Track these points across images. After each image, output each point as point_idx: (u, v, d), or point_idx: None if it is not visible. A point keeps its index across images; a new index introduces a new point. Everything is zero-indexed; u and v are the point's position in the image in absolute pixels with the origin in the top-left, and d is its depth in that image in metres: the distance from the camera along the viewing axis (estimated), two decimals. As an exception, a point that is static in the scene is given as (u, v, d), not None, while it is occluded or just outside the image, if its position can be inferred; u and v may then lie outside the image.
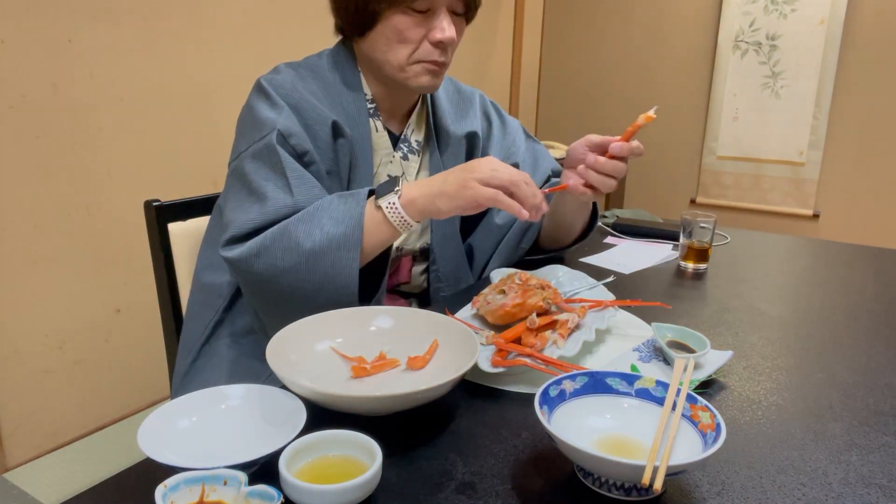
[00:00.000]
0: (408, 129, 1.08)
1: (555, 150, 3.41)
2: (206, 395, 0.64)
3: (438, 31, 0.93)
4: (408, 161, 1.08)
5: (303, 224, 0.83)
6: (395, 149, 1.06)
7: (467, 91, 1.20)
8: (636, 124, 0.89)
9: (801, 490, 0.57)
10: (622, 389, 0.64)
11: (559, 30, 3.67)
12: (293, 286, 0.84)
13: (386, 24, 0.93)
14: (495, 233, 1.16)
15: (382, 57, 0.96)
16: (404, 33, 0.93)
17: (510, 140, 1.22)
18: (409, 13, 0.92)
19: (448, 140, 1.12)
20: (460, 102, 1.17)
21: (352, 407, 0.63)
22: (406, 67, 0.96)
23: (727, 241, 1.44)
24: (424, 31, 0.94)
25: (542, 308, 0.85)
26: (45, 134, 1.69)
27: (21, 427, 1.78)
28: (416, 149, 1.09)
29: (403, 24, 0.92)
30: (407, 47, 0.94)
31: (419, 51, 0.95)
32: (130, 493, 0.56)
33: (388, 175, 1.06)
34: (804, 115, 3.10)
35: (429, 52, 0.95)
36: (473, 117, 1.17)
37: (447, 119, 1.12)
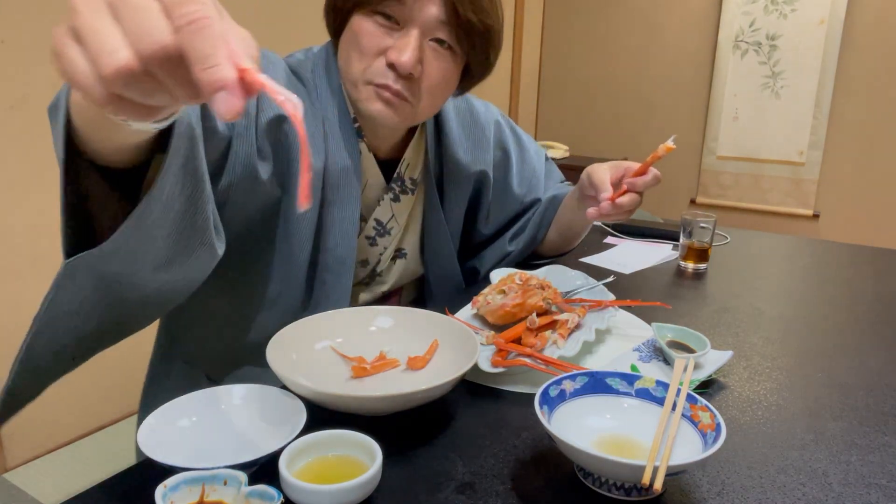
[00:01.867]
0: (402, 166, 0.94)
1: (555, 150, 3.41)
2: (206, 395, 0.64)
3: (394, 51, 0.77)
4: (399, 202, 0.95)
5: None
6: (387, 190, 0.93)
7: (481, 113, 1.06)
8: (656, 155, 0.89)
9: (801, 490, 0.57)
10: (622, 389, 0.64)
11: (559, 30, 3.67)
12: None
13: (350, 27, 0.80)
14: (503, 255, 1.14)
15: (343, 68, 0.83)
16: (361, 40, 0.78)
17: (530, 169, 1.15)
18: (375, 19, 0.78)
19: (456, 170, 1.00)
20: (473, 128, 1.04)
21: (352, 407, 0.63)
22: (359, 85, 0.81)
23: (727, 241, 1.44)
24: (383, 46, 0.78)
25: (542, 308, 0.85)
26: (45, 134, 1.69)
27: (21, 427, 1.78)
28: (409, 188, 0.95)
29: (364, 29, 0.78)
30: (361, 59, 0.79)
31: (372, 68, 0.79)
32: (130, 493, 0.56)
33: (376, 220, 0.94)
34: (804, 115, 3.10)
35: (380, 72, 0.78)
36: (486, 151, 1.05)
37: (458, 148, 0.99)
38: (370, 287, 0.99)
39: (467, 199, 1.06)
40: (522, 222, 1.15)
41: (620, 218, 0.95)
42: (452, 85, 0.86)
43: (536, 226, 1.14)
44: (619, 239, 1.43)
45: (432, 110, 0.87)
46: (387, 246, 0.97)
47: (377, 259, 0.97)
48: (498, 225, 1.14)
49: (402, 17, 0.78)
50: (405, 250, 1.00)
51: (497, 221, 1.14)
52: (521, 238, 1.14)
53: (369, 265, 0.97)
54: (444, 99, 0.87)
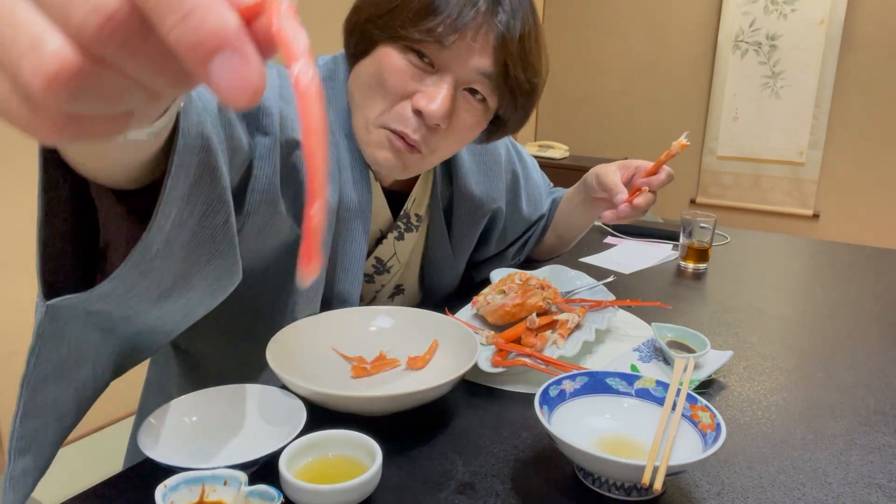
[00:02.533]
0: (409, 203, 0.87)
1: (554, 150, 3.41)
2: (206, 395, 0.64)
3: (424, 98, 0.68)
4: (403, 241, 0.89)
5: None
6: (391, 228, 0.87)
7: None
8: (670, 153, 0.87)
9: (801, 490, 0.57)
10: (622, 389, 0.64)
11: (559, 30, 3.67)
12: None
13: (375, 58, 0.70)
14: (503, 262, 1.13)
15: (356, 100, 0.74)
16: (387, 79, 0.69)
17: (535, 188, 1.12)
18: (408, 56, 0.68)
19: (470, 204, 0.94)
20: (484, 156, 0.97)
21: (352, 407, 0.63)
22: (371, 127, 0.72)
23: (727, 241, 1.44)
24: (411, 89, 0.69)
25: (542, 308, 0.85)
26: (45, 134, 1.69)
27: (21, 427, 1.78)
28: (415, 225, 0.90)
29: (393, 66, 0.68)
30: (383, 99, 0.70)
31: (394, 111, 0.70)
32: (130, 493, 0.56)
33: (377, 258, 0.87)
34: (804, 115, 3.10)
35: (401, 117, 0.70)
36: (500, 181, 0.99)
37: (470, 181, 0.93)
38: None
39: (479, 232, 1.01)
40: (527, 236, 1.15)
41: (635, 217, 0.93)
42: (473, 136, 0.78)
43: (539, 235, 1.15)
44: (619, 239, 1.43)
45: (441, 160, 0.80)
46: (384, 284, 0.92)
47: (373, 296, 0.93)
48: (504, 245, 1.12)
49: (439, 62, 0.69)
50: (403, 287, 0.97)
51: (503, 243, 1.11)
52: (523, 251, 1.15)
53: (363, 302, 0.93)
54: (462, 147, 0.80)
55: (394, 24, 0.67)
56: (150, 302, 0.49)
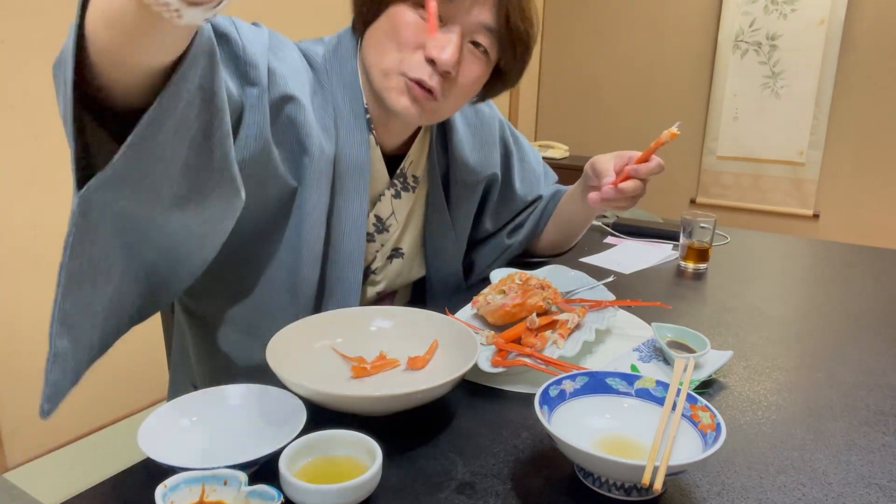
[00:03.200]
0: (406, 162, 0.93)
1: (555, 150, 3.41)
2: (206, 395, 0.64)
3: (436, 47, 0.75)
4: (400, 199, 0.93)
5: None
6: (388, 186, 0.92)
7: (486, 114, 1.06)
8: (659, 141, 0.87)
9: (801, 490, 0.57)
10: (622, 389, 0.64)
11: (559, 30, 3.67)
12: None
13: (388, 16, 0.78)
14: (501, 250, 1.14)
15: (373, 58, 0.80)
16: (401, 31, 0.76)
17: (530, 169, 1.15)
18: (418, 10, 0.76)
19: (465, 171, 0.99)
20: (479, 127, 1.03)
21: (352, 407, 0.63)
22: (391, 75, 0.79)
23: (727, 241, 1.44)
24: (422, 39, 0.77)
25: (542, 308, 0.85)
26: (45, 134, 1.69)
27: (21, 427, 1.78)
28: (411, 185, 0.94)
29: (404, 19, 0.76)
30: (398, 50, 0.77)
31: (409, 60, 0.77)
32: (130, 493, 0.56)
33: (376, 216, 0.91)
34: (804, 115, 3.10)
35: (418, 65, 0.77)
36: (494, 150, 1.05)
37: (464, 148, 0.98)
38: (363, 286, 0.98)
39: (477, 201, 1.05)
40: (522, 218, 1.16)
41: (623, 206, 0.93)
42: (479, 88, 0.85)
43: (536, 220, 1.15)
44: (619, 239, 1.43)
45: (453, 111, 0.86)
46: (384, 243, 0.96)
47: (373, 256, 0.95)
48: (500, 223, 1.15)
49: (447, 15, 0.76)
50: (402, 250, 0.99)
51: (500, 220, 1.14)
52: (520, 232, 1.15)
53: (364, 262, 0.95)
54: (467, 100, 0.86)
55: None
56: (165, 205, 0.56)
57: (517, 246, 1.15)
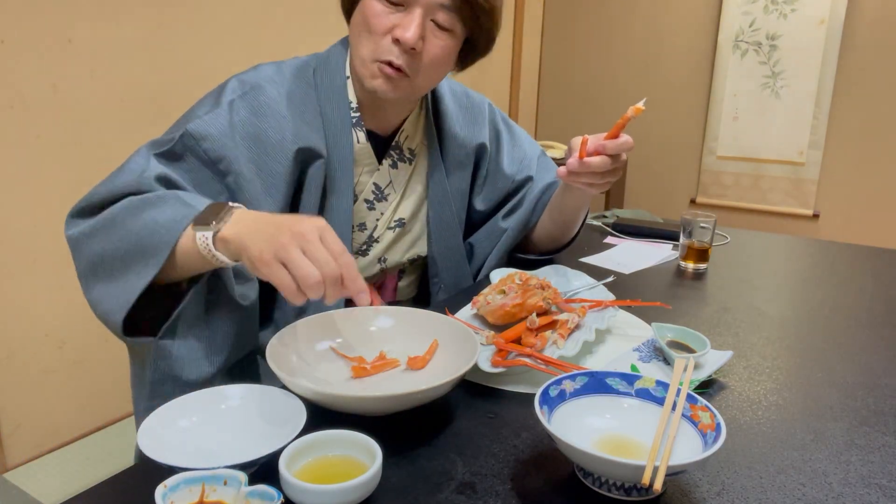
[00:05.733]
0: (400, 136, 1.01)
1: (554, 150, 3.41)
2: (206, 395, 0.64)
3: (400, 29, 0.84)
4: (397, 169, 1.01)
5: (130, 215, 0.75)
6: (385, 156, 1.00)
7: (476, 98, 1.14)
8: (625, 117, 0.86)
9: (801, 490, 0.57)
10: (622, 389, 0.64)
11: (559, 30, 3.67)
12: (96, 259, 0.80)
13: (360, 10, 0.87)
14: (498, 235, 1.15)
15: (354, 50, 0.90)
16: (370, 22, 0.85)
17: (521, 152, 1.19)
18: (382, 2, 0.85)
19: (455, 145, 1.07)
20: (469, 107, 1.11)
21: (352, 407, 0.63)
22: (368, 63, 0.88)
23: (727, 241, 1.44)
24: (390, 25, 0.85)
25: (542, 308, 0.85)
26: (45, 134, 1.69)
27: (21, 427, 1.78)
28: (408, 157, 1.02)
29: (372, 10, 0.85)
30: (370, 39, 0.86)
31: (380, 46, 0.86)
32: (130, 493, 0.56)
33: (375, 184, 1.00)
34: (804, 115, 3.10)
35: (386, 49, 0.86)
36: (482, 126, 1.12)
37: (454, 124, 1.07)
38: (368, 255, 1.01)
39: (469, 176, 1.11)
40: (516, 200, 1.17)
41: (591, 182, 0.92)
42: (451, 61, 0.93)
43: (531, 205, 1.15)
44: (619, 239, 1.43)
45: (430, 84, 0.94)
46: (383, 211, 1.01)
47: (374, 224, 1.00)
48: (491, 202, 1.17)
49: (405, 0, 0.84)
50: (403, 219, 1.03)
51: (489, 199, 1.16)
52: (514, 216, 1.15)
53: (367, 230, 1.00)
54: (442, 75, 0.94)
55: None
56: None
57: (513, 231, 1.13)
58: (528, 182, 1.18)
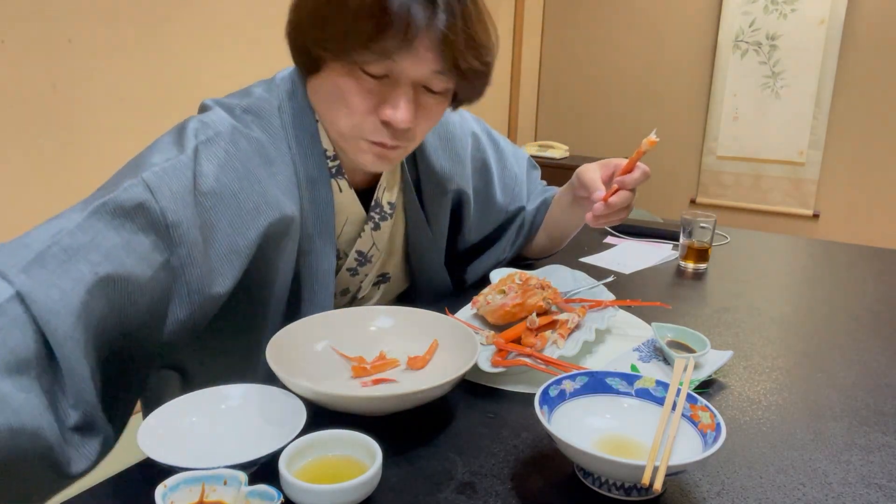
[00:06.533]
0: (379, 191, 0.88)
1: (554, 150, 3.41)
2: (206, 395, 0.64)
3: (389, 109, 0.71)
4: (380, 230, 0.90)
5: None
6: (367, 220, 0.88)
7: (457, 128, 1.00)
8: (640, 151, 0.87)
9: (801, 490, 0.57)
10: (622, 389, 0.64)
11: (559, 30, 3.67)
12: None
13: (328, 77, 0.73)
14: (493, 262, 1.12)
15: (324, 115, 0.77)
16: (347, 98, 0.72)
17: (511, 177, 1.11)
18: (359, 75, 0.70)
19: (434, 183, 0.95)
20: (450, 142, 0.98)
21: (352, 407, 0.63)
22: (348, 139, 0.76)
23: (727, 241, 1.44)
24: (374, 103, 0.72)
25: (542, 308, 0.85)
26: (45, 134, 1.69)
27: (21, 427, 1.78)
28: (388, 213, 0.91)
29: (347, 86, 0.71)
30: (347, 115, 0.73)
31: (363, 126, 0.74)
32: (130, 493, 0.56)
33: (358, 251, 0.89)
34: (804, 115, 3.10)
35: (375, 129, 0.73)
36: (464, 167, 1.00)
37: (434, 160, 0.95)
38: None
39: (449, 211, 1.01)
40: (510, 232, 1.13)
41: (616, 219, 0.92)
42: (440, 117, 0.81)
43: (525, 235, 1.13)
44: (619, 239, 1.43)
45: (419, 143, 0.85)
46: (368, 273, 0.94)
47: (358, 286, 0.95)
48: (483, 235, 1.12)
49: (392, 72, 0.71)
50: (388, 274, 0.98)
51: (481, 233, 1.11)
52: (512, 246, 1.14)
53: (350, 293, 0.95)
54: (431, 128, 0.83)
55: (345, 48, 0.68)
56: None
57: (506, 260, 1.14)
58: (521, 212, 1.14)
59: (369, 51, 0.67)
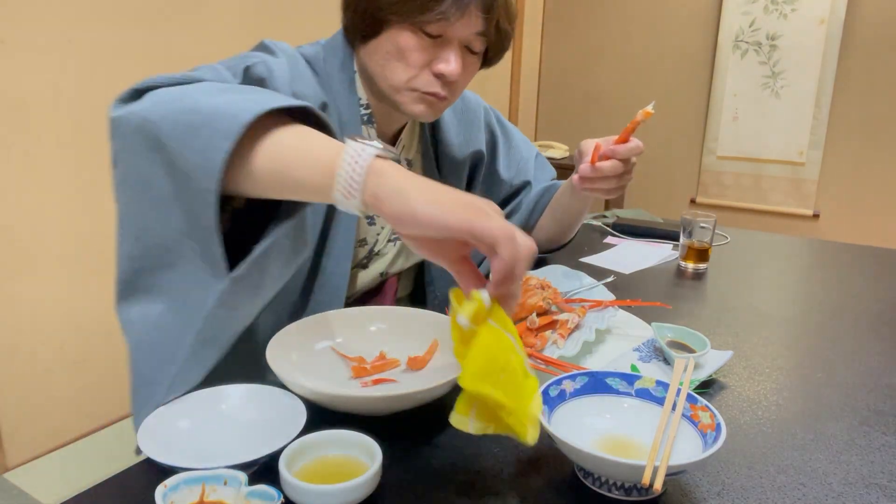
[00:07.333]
0: (399, 146, 0.99)
1: (554, 150, 3.41)
2: (206, 395, 0.64)
3: (443, 63, 0.84)
4: None
5: (211, 90, 0.61)
6: None
7: (471, 100, 1.12)
8: (635, 121, 0.88)
9: (801, 490, 0.57)
10: (622, 389, 0.64)
11: (559, 30, 3.67)
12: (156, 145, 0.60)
13: (389, 38, 0.84)
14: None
15: (379, 71, 0.87)
16: (406, 54, 0.84)
17: (517, 155, 1.18)
18: (419, 34, 0.83)
19: (450, 152, 1.06)
20: (465, 111, 1.10)
21: (352, 407, 0.63)
22: (402, 91, 0.87)
23: (727, 241, 1.44)
24: (428, 58, 0.84)
25: (542, 308, 0.85)
26: (45, 134, 1.69)
27: (21, 427, 1.78)
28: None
29: (408, 43, 0.83)
30: (406, 70, 0.85)
31: (419, 78, 0.85)
32: (130, 493, 0.56)
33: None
34: (804, 115, 3.10)
35: (429, 82, 0.86)
36: (478, 131, 1.11)
37: (449, 130, 1.06)
38: (368, 268, 1.00)
39: (464, 180, 1.10)
40: (513, 205, 1.18)
41: (605, 187, 0.94)
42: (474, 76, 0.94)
43: (529, 209, 1.15)
44: (619, 239, 1.43)
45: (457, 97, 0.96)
46: (384, 225, 0.99)
47: (375, 239, 0.99)
48: None
49: (444, 32, 0.83)
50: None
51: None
52: (512, 220, 1.15)
53: (367, 245, 0.99)
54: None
55: (410, 11, 0.81)
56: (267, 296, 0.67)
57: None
58: (526, 186, 1.18)
59: (433, 12, 0.80)
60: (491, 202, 0.56)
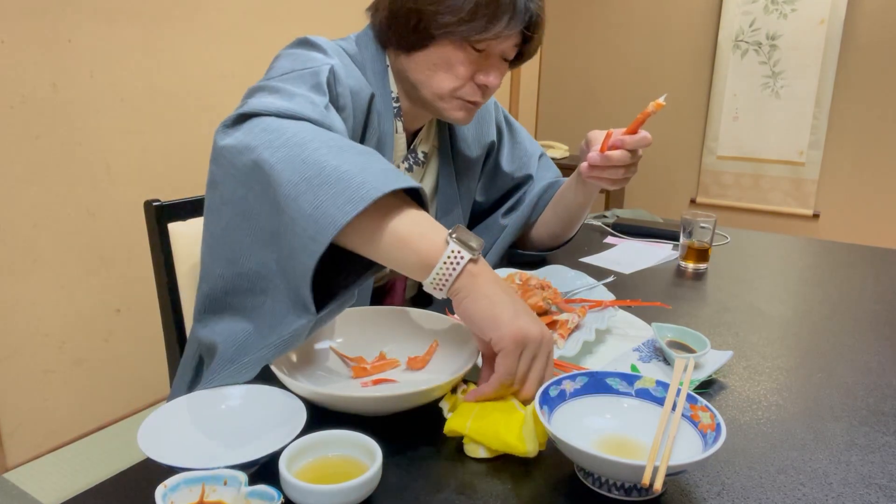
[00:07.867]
0: (417, 139, 1.05)
1: (555, 150, 3.41)
2: (206, 395, 0.64)
3: (489, 76, 0.91)
4: (412, 173, 1.05)
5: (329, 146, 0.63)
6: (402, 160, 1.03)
7: None
8: (646, 112, 0.88)
9: (801, 490, 0.57)
10: (622, 389, 0.64)
11: (559, 30, 3.67)
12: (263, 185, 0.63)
13: (437, 51, 0.90)
14: (497, 231, 1.17)
15: (424, 80, 0.93)
16: (454, 67, 0.90)
17: (521, 150, 1.21)
18: (466, 49, 0.89)
19: (464, 146, 1.10)
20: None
21: (352, 407, 0.63)
22: (447, 98, 0.93)
23: (727, 241, 1.44)
24: (474, 70, 0.91)
25: (542, 308, 0.85)
26: (45, 134, 1.69)
27: (21, 427, 1.78)
28: (420, 160, 1.06)
29: (456, 57, 0.89)
30: (452, 80, 0.91)
31: (464, 88, 0.92)
32: (130, 493, 0.56)
33: None
34: (804, 115, 3.10)
35: (472, 91, 0.93)
36: (489, 125, 1.16)
37: (464, 127, 1.10)
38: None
39: (478, 175, 1.15)
40: (516, 198, 1.20)
41: (611, 177, 0.96)
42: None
43: (531, 205, 1.16)
44: (619, 239, 1.43)
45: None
46: None
47: None
48: (489, 197, 1.19)
49: (490, 48, 0.90)
50: None
51: (488, 194, 1.19)
52: (514, 214, 1.17)
53: None
54: None
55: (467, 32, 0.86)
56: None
57: (512, 228, 1.16)
58: (529, 180, 1.19)
59: (489, 33, 0.86)
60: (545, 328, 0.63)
